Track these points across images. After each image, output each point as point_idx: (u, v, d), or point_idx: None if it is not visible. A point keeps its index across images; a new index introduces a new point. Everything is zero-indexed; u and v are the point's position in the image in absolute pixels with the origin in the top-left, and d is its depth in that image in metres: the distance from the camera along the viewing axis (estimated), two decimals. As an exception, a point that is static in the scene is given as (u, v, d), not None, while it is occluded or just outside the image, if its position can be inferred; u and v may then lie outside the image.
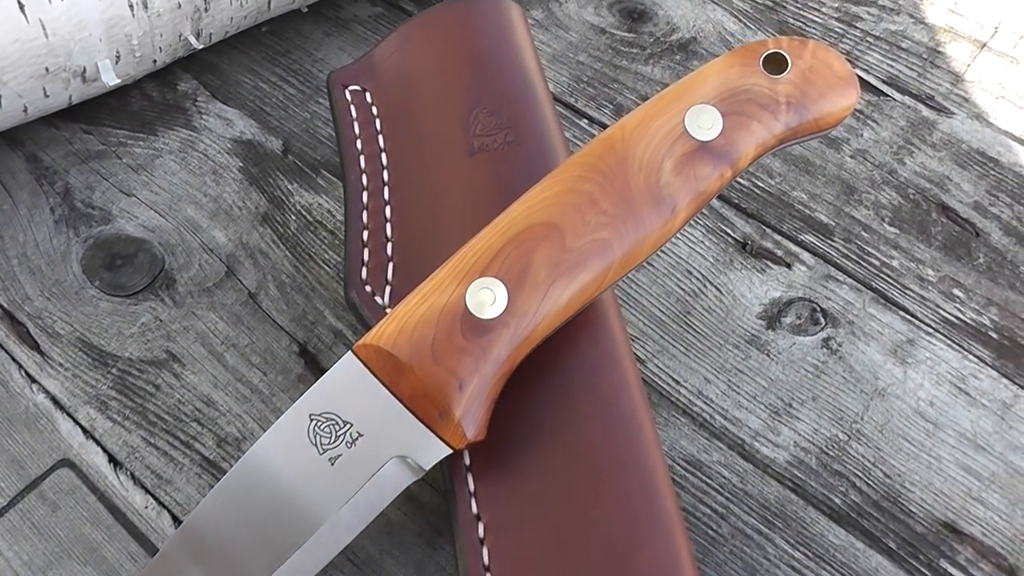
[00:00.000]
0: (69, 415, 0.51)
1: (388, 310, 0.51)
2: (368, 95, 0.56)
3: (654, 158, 0.45)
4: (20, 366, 0.53)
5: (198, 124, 0.63)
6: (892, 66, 0.70)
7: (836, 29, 0.73)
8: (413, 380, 0.43)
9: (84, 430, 0.51)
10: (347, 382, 0.44)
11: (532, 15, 0.72)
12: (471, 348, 0.43)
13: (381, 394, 0.44)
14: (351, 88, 0.56)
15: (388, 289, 0.50)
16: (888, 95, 0.69)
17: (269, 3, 0.63)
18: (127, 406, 0.52)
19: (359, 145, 0.54)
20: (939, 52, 0.72)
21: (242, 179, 0.61)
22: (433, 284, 0.44)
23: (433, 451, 0.44)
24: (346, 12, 0.71)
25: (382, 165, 0.53)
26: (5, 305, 0.55)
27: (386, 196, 0.53)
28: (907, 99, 0.69)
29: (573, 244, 0.44)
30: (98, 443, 0.50)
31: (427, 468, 0.44)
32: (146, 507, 0.49)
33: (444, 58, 0.55)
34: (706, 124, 0.46)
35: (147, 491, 0.49)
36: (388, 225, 0.52)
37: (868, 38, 0.72)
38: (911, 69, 0.70)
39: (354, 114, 0.55)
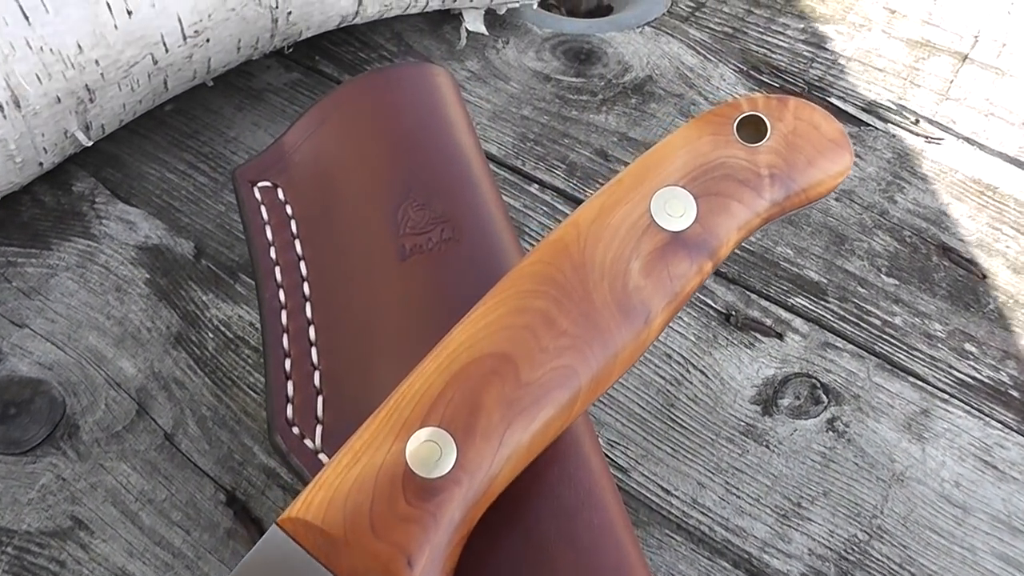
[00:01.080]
0: (-48, 615, 0.42)
1: (321, 456, 0.42)
2: (280, 192, 0.47)
3: (618, 259, 0.37)
4: None
5: (97, 231, 0.54)
6: (869, 90, 0.62)
7: (804, 53, 0.64)
8: (353, 558, 0.34)
9: (-28, 631, 0.42)
10: (277, 562, 0.36)
11: (467, 66, 0.63)
12: (418, 515, 0.34)
13: (317, 573, 0.35)
14: (260, 185, 0.47)
15: (319, 429, 0.41)
16: (869, 124, 0.60)
17: (165, 82, 0.54)
18: (24, 594, 0.43)
19: (273, 254, 0.45)
20: (918, 69, 0.64)
21: (150, 294, 0.51)
22: (365, 439, 0.36)
23: (383, 643, 0.35)
24: (258, 81, 0.62)
25: (302, 277, 0.44)
26: None
27: (309, 315, 0.44)
28: (890, 127, 0.60)
29: (529, 377, 0.35)
30: (-10, 646, 0.41)
31: (378, 663, 0.35)
32: None
33: (364, 143, 0.46)
34: (677, 211, 0.37)
35: None
36: (314, 350, 0.43)
37: (840, 60, 0.64)
38: (890, 91, 0.62)
39: (266, 217, 0.46)
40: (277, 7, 0.53)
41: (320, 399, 0.42)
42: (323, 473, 0.36)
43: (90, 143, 0.53)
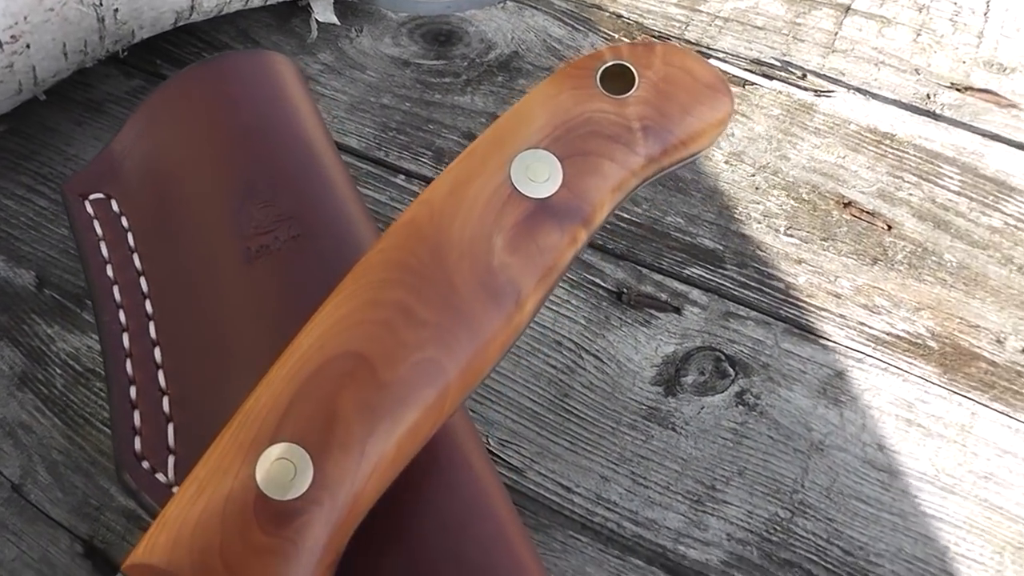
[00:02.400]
0: None
1: (176, 491, 0.37)
2: (115, 204, 0.42)
3: (478, 236, 0.33)
4: None
5: (-76, 269, 0.49)
6: (751, 48, 0.59)
7: (679, 17, 0.61)
8: (205, 602, 0.30)
9: None
10: (119, 619, 0.31)
11: (320, 59, 0.58)
12: (276, 545, 0.30)
13: (167, 628, 0.31)
14: (92, 198, 0.42)
15: (171, 461, 0.36)
16: (753, 83, 0.57)
17: (-9, 101, 0.49)
18: None
19: (111, 272, 0.40)
20: (799, 24, 0.61)
21: (-13, 331, 0.46)
22: (211, 465, 0.31)
23: None
24: (97, 92, 0.56)
25: (143, 294, 0.40)
26: None
27: (153, 335, 0.39)
28: (776, 84, 0.57)
29: (389, 376, 0.31)
30: None
31: None
32: None
33: (199, 140, 0.41)
34: (540, 175, 0.34)
35: None
36: (160, 373, 0.38)
37: (717, 21, 0.60)
38: (772, 48, 0.59)
39: (100, 232, 0.41)
40: (101, 5, 0.48)
41: (171, 427, 0.37)
42: (167, 509, 0.31)
43: (-93, 173, 0.47)
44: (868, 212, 0.52)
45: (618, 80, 0.35)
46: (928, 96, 0.57)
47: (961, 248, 0.51)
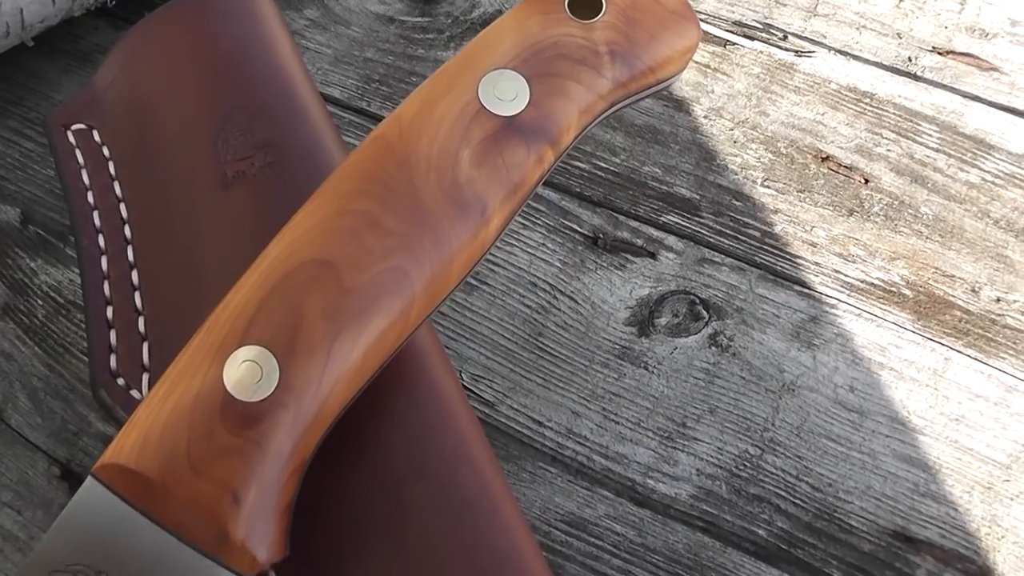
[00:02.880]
0: None
1: (147, 403, 0.38)
2: (96, 134, 0.43)
3: (446, 150, 0.34)
4: None
5: (-89, 208, 0.50)
6: (732, 11, 0.60)
7: (666, -23, 0.62)
8: (174, 501, 0.30)
9: None
10: (94, 517, 0.31)
11: (306, 15, 0.59)
12: (241, 445, 0.30)
13: (139, 524, 0.31)
14: (74, 128, 0.43)
15: (146, 378, 0.37)
16: (735, 43, 0.58)
17: (-19, 45, 0.50)
18: None
19: (91, 199, 0.41)
20: (784, -15, 0.62)
21: (-29, 266, 0.47)
22: (180, 367, 0.32)
23: (221, 587, 0.31)
24: (86, 43, 0.57)
25: (122, 219, 0.40)
26: None
27: (131, 258, 0.39)
28: (757, 44, 0.58)
29: (354, 282, 0.32)
30: None
31: (218, 615, 0.31)
32: None
33: (179, 71, 0.42)
34: (507, 94, 0.34)
35: None
36: (137, 295, 0.39)
37: (702, -19, 0.62)
38: (754, 11, 0.60)
39: (81, 161, 0.42)
40: (89, -50, 0.49)
41: (146, 346, 0.38)
42: (137, 411, 0.32)
43: None
44: (845, 166, 0.53)
45: (586, 6, 0.36)
46: (909, 59, 0.58)
47: (938, 202, 0.51)
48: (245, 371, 0.31)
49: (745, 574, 0.39)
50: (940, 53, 0.58)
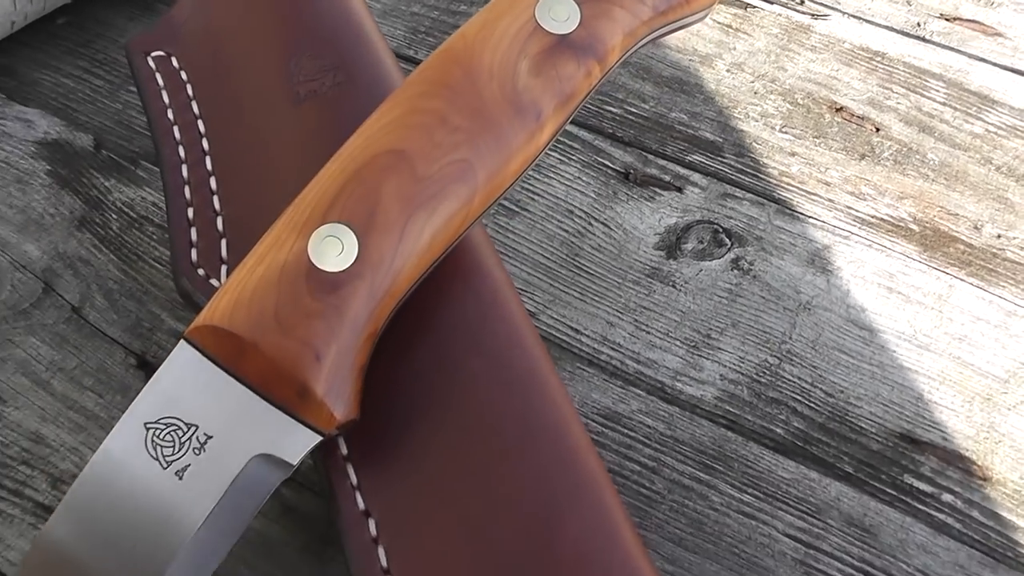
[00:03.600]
0: None
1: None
2: (174, 60, 0.47)
3: (506, 61, 0.38)
4: None
5: (-5, 131, 0.54)
6: (755, -26, 0.65)
7: (690, -56, 0.67)
8: (260, 360, 0.35)
9: None
10: (183, 376, 0.36)
11: (360, -30, 0.64)
12: (323, 309, 0.35)
13: (226, 383, 0.35)
14: (154, 55, 0.48)
15: (224, 269, 0.41)
16: (755, 6, 0.62)
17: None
18: (-65, 456, 0.42)
19: (171, 115, 0.46)
20: (801, -46, 0.66)
21: (51, 184, 0.51)
22: (269, 241, 0.36)
23: (299, 440, 0.35)
24: (150, -8, 0.63)
25: (200, 133, 0.45)
26: None
27: (209, 166, 0.44)
28: (775, 7, 0.62)
29: (426, 171, 0.36)
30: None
31: (295, 462, 0.35)
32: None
33: (252, 5, 0.47)
34: (561, 15, 0.39)
35: (-31, 550, 0.40)
36: (215, 198, 0.43)
37: (725, -51, 0.66)
38: (775, -25, 0.65)
39: (161, 82, 0.47)
40: (163, -102, 0.54)
41: (224, 242, 0.42)
42: (228, 280, 0.36)
43: (-18, 44, 0.53)
44: (858, 116, 0.57)
45: (632, -61, 0.40)
46: (918, 24, 0.63)
47: (944, 149, 0.56)
48: (328, 245, 0.35)
49: (765, 465, 0.44)
50: (947, 19, 0.63)
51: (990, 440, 0.46)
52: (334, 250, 0.35)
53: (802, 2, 0.63)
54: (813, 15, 0.62)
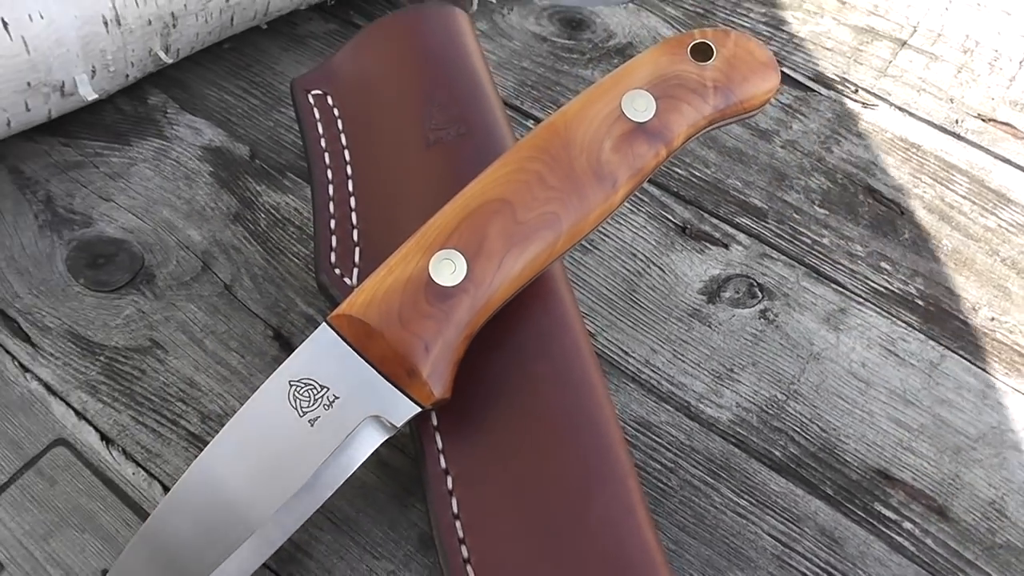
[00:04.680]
0: (62, 399, 0.57)
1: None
2: (329, 98, 0.62)
3: (595, 139, 0.51)
4: (13, 357, 0.58)
5: (169, 134, 0.69)
6: (817, 64, 0.77)
7: (764, 32, 0.80)
8: (383, 344, 0.48)
9: (76, 412, 0.56)
10: (322, 350, 0.50)
11: (477, 27, 0.78)
12: (435, 313, 0.49)
13: (354, 359, 0.49)
14: (313, 93, 0.62)
15: (356, 271, 0.56)
16: (814, 90, 0.76)
17: (232, 19, 0.69)
18: (116, 389, 0.57)
19: (323, 143, 0.60)
20: (862, 51, 0.79)
21: (213, 183, 0.67)
22: (399, 257, 0.50)
23: (404, 409, 0.49)
24: (302, 29, 0.78)
25: (345, 160, 0.59)
26: (-5, 303, 0.61)
27: (350, 188, 0.58)
28: (832, 94, 0.75)
29: (524, 217, 0.50)
30: (90, 423, 0.56)
31: (399, 425, 0.49)
32: (137, 477, 0.54)
33: (399, 61, 0.61)
34: (641, 107, 0.52)
35: (138, 464, 0.54)
36: (353, 214, 0.58)
37: (794, 40, 0.79)
38: (835, 66, 0.77)
39: (317, 116, 0.61)
40: (329, -41, 0.68)
41: (357, 249, 0.56)
42: (364, 283, 0.50)
43: (170, 61, 0.68)
44: (888, 199, 0.70)
45: (702, 53, 0.53)
46: (956, 121, 0.75)
47: (958, 238, 0.68)
48: (444, 265, 0.49)
49: (761, 479, 0.57)
50: (984, 119, 0.75)
51: (953, 487, 0.58)
52: (448, 269, 0.49)
53: (856, 91, 0.76)
54: (864, 104, 0.75)
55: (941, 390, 0.61)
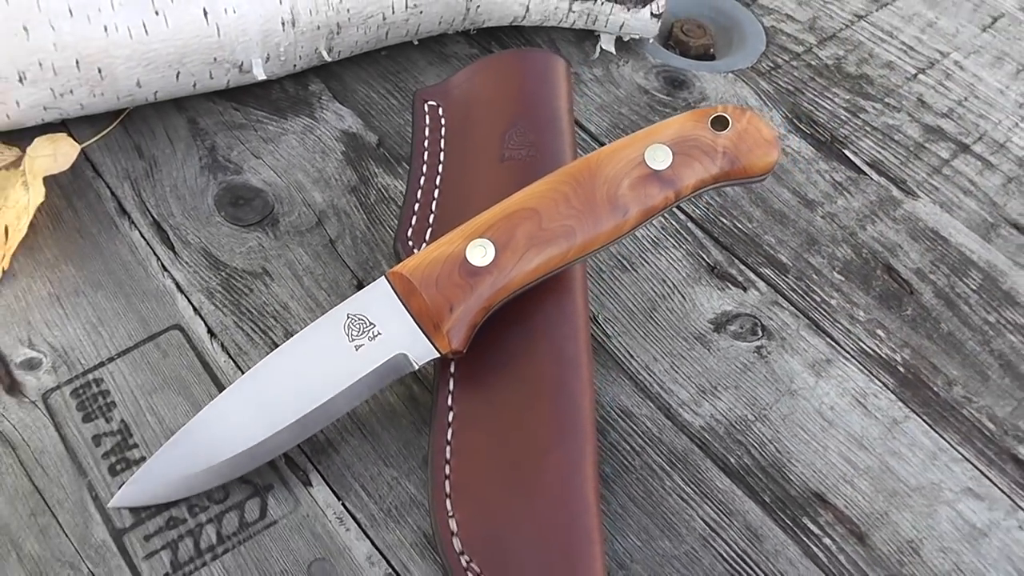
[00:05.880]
0: (185, 296, 0.78)
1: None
2: (440, 109, 0.81)
3: (616, 176, 0.68)
4: (158, 258, 0.80)
5: (318, 116, 0.90)
6: (879, 153, 0.92)
7: (842, 116, 0.95)
8: (420, 300, 0.66)
9: (194, 308, 0.77)
10: (377, 296, 0.68)
11: (594, 72, 0.96)
12: (463, 284, 0.66)
13: (398, 307, 0.67)
14: (429, 103, 0.82)
15: (423, 246, 0.74)
16: (867, 175, 0.90)
17: (387, 34, 0.89)
18: (227, 299, 0.78)
19: (426, 144, 0.79)
20: (925, 147, 0.93)
21: (342, 159, 0.87)
22: (447, 239, 0.68)
23: (427, 352, 0.67)
24: (448, 49, 0.98)
25: (439, 160, 0.78)
26: (155, 216, 0.83)
27: (437, 183, 0.77)
28: (883, 180, 0.90)
29: (547, 226, 0.67)
30: (202, 319, 0.76)
31: (420, 364, 0.67)
32: (227, 366, 0.74)
33: (498, 90, 0.80)
34: (660, 158, 0.68)
35: (230, 356, 0.74)
36: (434, 203, 0.76)
37: (867, 127, 0.94)
38: (895, 157, 0.92)
39: (427, 122, 0.81)
40: (471, 1, 0.87)
41: (429, 231, 0.75)
42: (418, 254, 0.68)
43: (330, 60, 0.88)
44: (902, 278, 0.84)
45: (720, 123, 0.69)
46: (992, 225, 0.88)
47: (956, 324, 0.82)
48: (477, 250, 0.66)
49: (710, 476, 0.72)
50: (1020, 229, 0.88)
51: (879, 521, 0.71)
52: (480, 254, 0.66)
53: (904, 182, 0.89)
54: (908, 193, 0.89)
55: (895, 443, 0.75)
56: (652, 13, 0.92)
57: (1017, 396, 0.78)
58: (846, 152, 0.92)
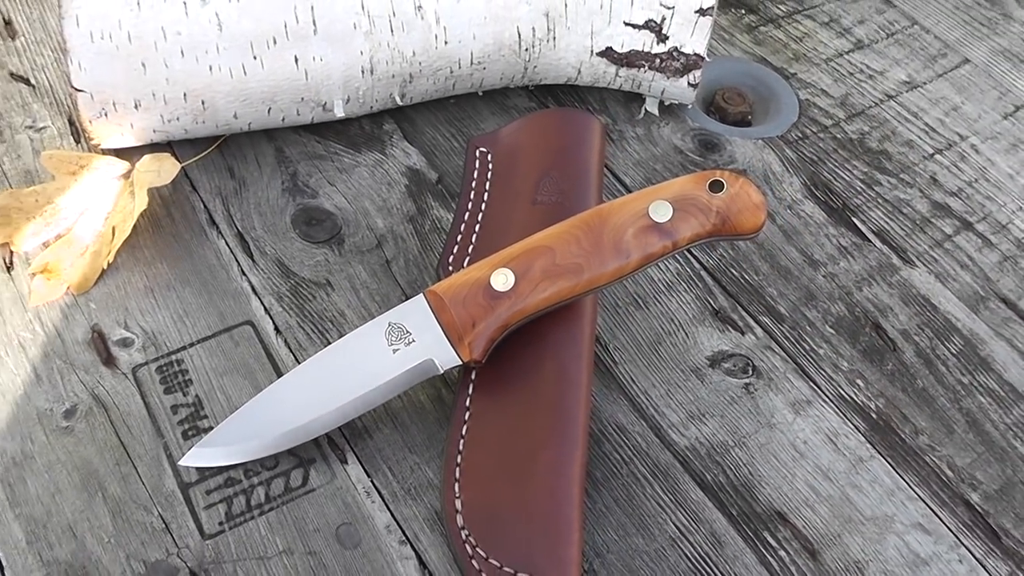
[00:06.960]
0: (258, 298, 0.97)
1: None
2: (489, 156, 0.99)
3: (622, 225, 0.85)
4: (238, 264, 0.99)
5: (388, 152, 1.10)
6: (887, 223, 1.07)
7: (857, 187, 1.11)
8: (449, 315, 0.84)
9: (265, 308, 0.96)
10: (415, 309, 0.86)
11: (636, 130, 1.14)
12: (485, 305, 0.84)
13: (431, 319, 0.85)
14: (479, 149, 1.00)
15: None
16: (871, 242, 1.06)
17: (454, 86, 1.08)
18: (293, 303, 0.97)
19: (473, 185, 0.98)
20: (930, 222, 1.08)
21: (405, 192, 1.06)
22: (476, 266, 0.86)
23: (451, 359, 0.84)
24: (510, 101, 1.16)
25: (483, 199, 0.96)
26: (239, 228, 1.02)
27: (479, 219, 0.95)
28: (886, 248, 1.05)
29: (560, 262, 0.84)
30: (271, 318, 0.95)
31: (445, 369, 0.84)
32: (288, 358, 0.93)
33: (539, 142, 0.98)
34: (661, 213, 0.85)
35: (291, 350, 0.93)
36: (474, 235, 0.94)
37: (879, 199, 1.10)
38: (902, 228, 1.07)
39: (476, 166, 0.99)
40: (529, 60, 1.06)
41: (466, 260, 0.93)
42: (452, 276, 0.86)
43: (402, 104, 1.07)
44: (888, 337, 0.99)
45: (717, 186, 0.86)
46: (982, 299, 1.02)
47: (931, 381, 0.96)
48: (500, 277, 0.84)
49: (685, 487, 0.88)
50: (1008, 304, 1.02)
51: (832, 542, 0.86)
52: (502, 280, 0.84)
53: (905, 252, 1.05)
54: (907, 262, 1.04)
55: (858, 478, 0.90)
56: (689, 83, 1.09)
57: (978, 450, 0.92)
58: (855, 220, 1.07)
